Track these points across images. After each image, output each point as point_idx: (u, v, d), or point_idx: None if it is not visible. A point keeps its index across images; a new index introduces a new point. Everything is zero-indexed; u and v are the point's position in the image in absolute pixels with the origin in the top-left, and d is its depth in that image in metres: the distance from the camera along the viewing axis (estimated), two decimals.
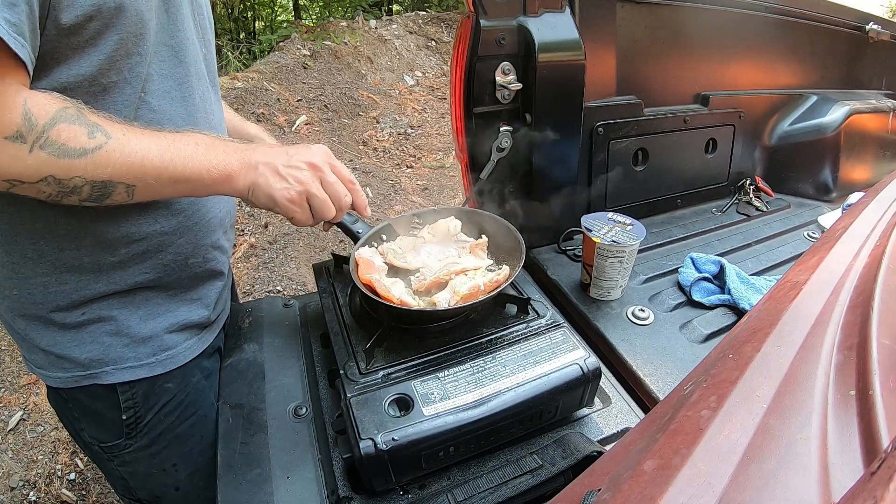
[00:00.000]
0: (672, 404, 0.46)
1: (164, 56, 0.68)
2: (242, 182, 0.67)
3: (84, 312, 0.71)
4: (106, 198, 0.61)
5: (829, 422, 0.38)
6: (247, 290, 2.48)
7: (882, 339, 0.44)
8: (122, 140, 0.58)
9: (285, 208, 0.69)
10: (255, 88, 3.93)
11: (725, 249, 1.24)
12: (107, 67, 0.61)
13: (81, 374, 0.73)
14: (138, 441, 0.79)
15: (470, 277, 0.80)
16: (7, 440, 1.81)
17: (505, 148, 1.11)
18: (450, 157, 3.98)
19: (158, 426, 0.80)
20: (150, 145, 0.60)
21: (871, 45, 1.61)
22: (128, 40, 0.61)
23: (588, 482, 0.43)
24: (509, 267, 0.82)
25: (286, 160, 0.69)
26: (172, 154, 0.62)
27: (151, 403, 0.78)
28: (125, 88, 0.64)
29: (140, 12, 0.61)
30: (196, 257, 0.78)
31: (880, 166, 1.65)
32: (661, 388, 0.83)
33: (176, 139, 0.63)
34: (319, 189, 0.71)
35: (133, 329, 0.74)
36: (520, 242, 0.83)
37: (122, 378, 0.74)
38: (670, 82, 1.34)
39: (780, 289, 0.59)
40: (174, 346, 0.79)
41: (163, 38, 0.67)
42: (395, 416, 0.63)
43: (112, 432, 0.78)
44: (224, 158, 0.65)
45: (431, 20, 5.84)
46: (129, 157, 0.59)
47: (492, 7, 0.99)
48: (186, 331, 0.81)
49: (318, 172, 0.71)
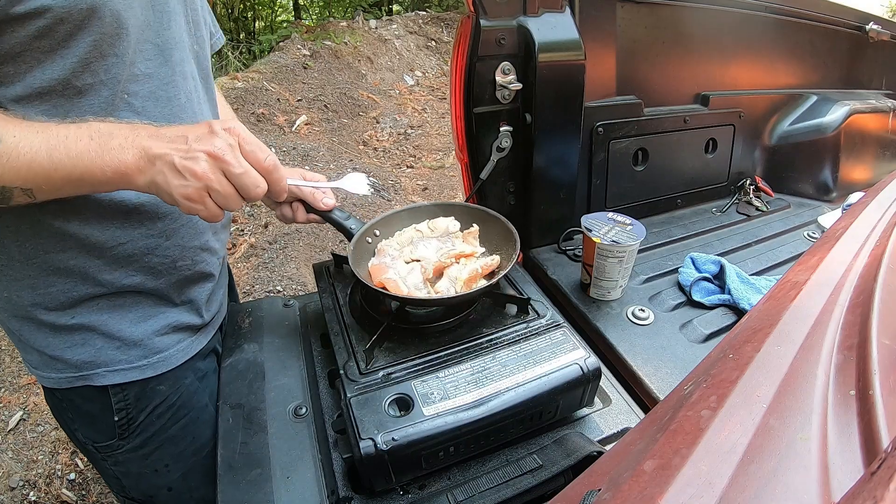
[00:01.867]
0: (672, 404, 0.46)
1: (149, 55, 0.66)
2: (142, 180, 0.59)
3: (73, 316, 0.71)
4: (8, 202, 0.58)
5: (829, 422, 0.38)
6: (247, 290, 2.48)
7: (882, 339, 0.44)
8: (10, 143, 0.54)
9: (186, 207, 0.61)
10: (255, 88, 3.94)
11: (725, 249, 1.24)
12: (80, 70, 0.59)
13: (74, 375, 0.73)
14: (131, 442, 0.79)
15: (463, 265, 0.81)
16: (7, 440, 1.81)
17: (505, 148, 1.11)
18: (450, 157, 3.98)
19: (150, 427, 0.80)
20: (40, 145, 0.55)
21: (871, 45, 1.61)
22: (102, 41, 0.59)
23: (588, 482, 0.43)
24: (501, 258, 0.83)
25: (184, 151, 0.59)
26: (61, 154, 0.56)
27: (143, 405, 0.78)
28: (102, 91, 0.62)
29: (116, 12, 0.59)
30: (184, 260, 0.77)
31: (880, 166, 1.65)
32: (661, 388, 0.83)
33: (70, 133, 0.57)
34: (222, 182, 0.60)
35: (123, 332, 0.74)
36: (512, 232, 0.84)
37: (114, 380, 0.74)
38: (670, 82, 1.34)
39: (780, 289, 0.59)
40: (166, 348, 0.78)
41: (148, 35, 0.65)
42: (395, 416, 0.63)
43: (105, 433, 0.78)
44: (118, 155, 0.58)
45: (431, 20, 5.85)
46: (16, 161, 0.55)
47: (492, 7, 0.99)
48: (179, 332, 0.80)
49: (219, 163, 0.60)
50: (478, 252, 0.86)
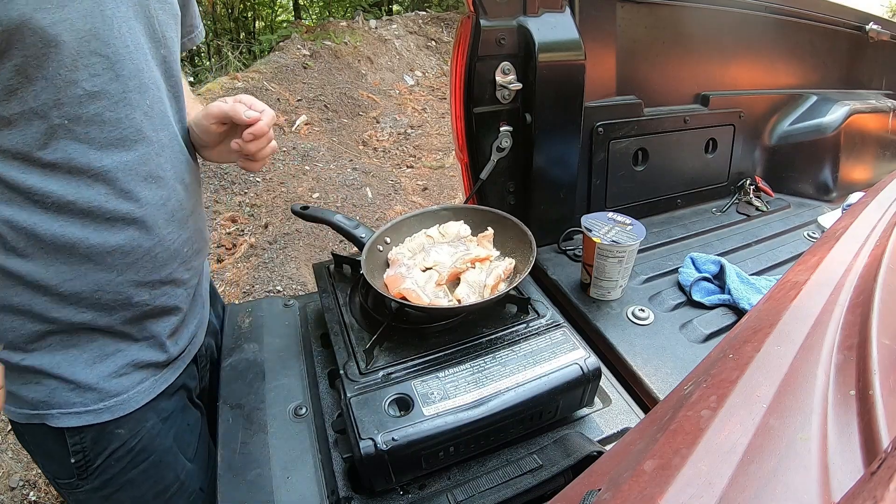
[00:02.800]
0: (672, 404, 0.46)
1: (96, 69, 0.57)
2: None
3: (24, 357, 0.66)
4: None
5: (829, 422, 0.38)
6: (247, 290, 2.48)
7: (882, 339, 0.44)
8: None
9: None
10: (255, 88, 3.94)
11: (725, 249, 1.24)
12: (3, 99, 0.53)
13: (30, 412, 0.69)
14: (90, 483, 0.75)
15: (480, 269, 0.81)
16: (7, 440, 1.81)
17: (505, 148, 1.11)
18: (450, 157, 3.98)
19: (109, 470, 0.75)
20: None
21: (871, 45, 1.61)
22: (27, 64, 0.52)
23: (588, 482, 0.43)
24: (514, 260, 0.83)
25: None
26: None
27: (101, 448, 0.73)
28: (33, 120, 0.55)
29: (41, 29, 0.51)
30: (141, 295, 0.69)
31: (880, 166, 1.65)
32: (661, 388, 0.83)
33: None
34: None
35: (77, 375, 0.68)
36: (526, 234, 0.84)
37: (68, 423, 0.69)
38: (670, 82, 1.34)
39: (780, 289, 0.59)
40: (124, 390, 0.72)
41: (94, 46, 0.56)
42: (395, 416, 0.63)
43: (65, 471, 0.73)
44: None
45: (431, 20, 5.85)
46: None
47: (492, 7, 0.99)
48: (140, 371, 0.73)
49: None
50: (493, 256, 0.85)
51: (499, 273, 0.79)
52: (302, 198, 3.13)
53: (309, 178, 3.31)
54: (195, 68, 5.03)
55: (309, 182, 3.28)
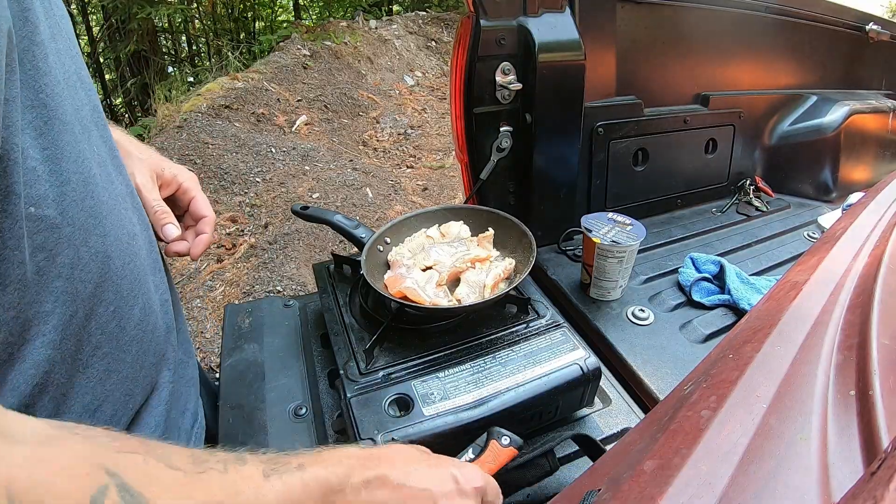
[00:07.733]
0: (672, 404, 0.46)
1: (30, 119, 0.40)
2: None
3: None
4: None
5: (829, 422, 0.38)
6: (247, 290, 2.48)
7: (882, 339, 0.44)
8: None
9: None
10: (255, 88, 3.94)
11: (725, 249, 1.24)
12: None
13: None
14: None
15: (480, 269, 0.81)
16: None
17: (505, 148, 1.11)
18: (450, 157, 3.98)
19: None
20: None
21: (871, 45, 1.61)
22: None
23: (588, 482, 0.43)
24: (514, 260, 0.83)
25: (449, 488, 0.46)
26: None
27: None
28: None
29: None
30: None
31: (880, 166, 1.65)
32: (661, 388, 0.83)
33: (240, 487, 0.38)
34: None
35: None
36: (526, 234, 0.84)
37: None
38: (670, 82, 1.34)
39: (780, 289, 0.59)
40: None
41: (27, 96, 0.39)
42: (395, 416, 0.63)
43: None
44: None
45: (431, 20, 5.85)
46: None
47: (492, 7, 0.99)
48: None
49: None
50: (492, 256, 0.85)
51: (499, 273, 0.79)
52: (302, 198, 3.13)
53: (309, 179, 3.31)
54: (195, 68, 5.03)
55: (309, 182, 3.28)
